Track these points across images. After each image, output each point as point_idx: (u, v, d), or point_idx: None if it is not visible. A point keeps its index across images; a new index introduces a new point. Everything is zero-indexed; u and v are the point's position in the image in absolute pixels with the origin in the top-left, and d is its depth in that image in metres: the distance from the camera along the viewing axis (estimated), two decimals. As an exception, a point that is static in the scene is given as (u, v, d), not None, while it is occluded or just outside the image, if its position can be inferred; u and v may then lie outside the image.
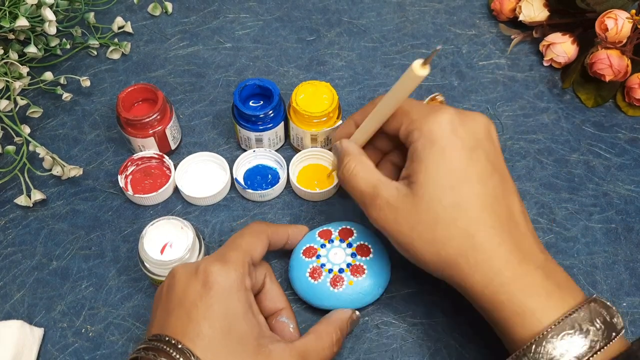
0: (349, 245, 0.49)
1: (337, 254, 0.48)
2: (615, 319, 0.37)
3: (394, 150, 0.48)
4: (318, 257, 0.48)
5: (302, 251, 0.49)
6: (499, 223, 0.39)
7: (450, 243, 0.39)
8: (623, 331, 0.37)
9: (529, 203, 0.56)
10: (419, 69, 0.38)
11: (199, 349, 0.37)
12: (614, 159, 0.59)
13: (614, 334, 0.36)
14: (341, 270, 0.47)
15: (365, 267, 0.47)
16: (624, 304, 0.50)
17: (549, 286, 0.38)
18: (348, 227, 0.50)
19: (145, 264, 0.48)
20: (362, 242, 0.49)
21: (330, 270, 0.47)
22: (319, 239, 0.49)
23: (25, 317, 0.49)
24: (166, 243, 0.49)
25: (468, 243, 0.39)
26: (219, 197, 0.55)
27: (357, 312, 0.46)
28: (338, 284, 0.47)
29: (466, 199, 0.39)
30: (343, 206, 0.55)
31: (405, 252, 0.41)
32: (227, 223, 0.54)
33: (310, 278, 0.47)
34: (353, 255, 0.48)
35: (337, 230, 0.50)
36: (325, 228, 0.50)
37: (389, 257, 0.49)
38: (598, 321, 0.36)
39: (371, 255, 0.48)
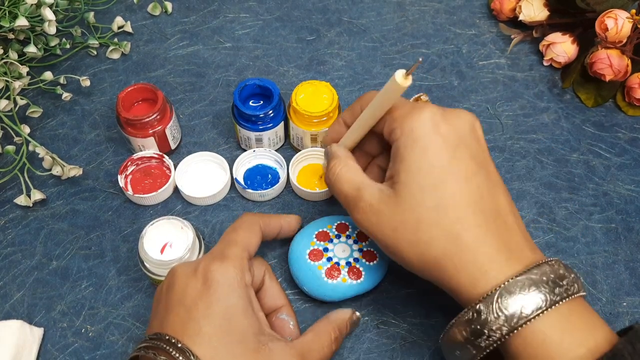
0: (350, 237, 0.50)
1: (344, 251, 0.49)
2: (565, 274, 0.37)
3: (382, 153, 0.47)
4: (329, 260, 0.48)
5: (307, 254, 0.49)
6: (484, 221, 0.38)
7: (435, 244, 0.38)
8: (580, 290, 0.37)
9: (529, 203, 0.56)
10: (402, 80, 0.38)
11: (198, 347, 0.37)
12: (614, 159, 0.59)
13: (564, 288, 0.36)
14: (348, 263, 0.48)
15: (375, 251, 0.49)
16: (624, 303, 0.50)
17: None
18: (343, 222, 0.51)
19: (145, 263, 0.48)
20: (359, 230, 0.50)
21: (348, 264, 0.48)
22: (317, 241, 0.49)
23: (25, 317, 0.49)
24: (166, 243, 0.49)
25: (452, 244, 0.38)
26: (219, 197, 0.55)
27: (358, 313, 0.46)
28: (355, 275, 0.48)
29: (449, 199, 0.38)
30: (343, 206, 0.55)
31: (390, 254, 0.41)
32: (227, 223, 0.54)
33: (325, 277, 0.48)
34: (355, 242, 0.49)
35: (334, 226, 0.50)
36: (320, 229, 0.50)
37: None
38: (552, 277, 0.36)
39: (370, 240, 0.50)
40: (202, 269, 0.40)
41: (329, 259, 0.48)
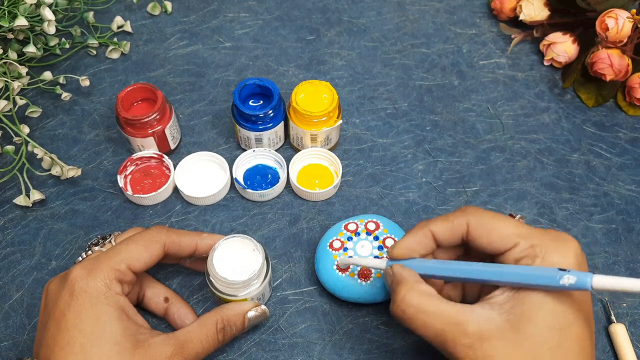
0: (375, 238, 0.49)
1: (363, 247, 0.49)
2: None
3: (447, 250, 0.42)
4: (345, 249, 0.49)
5: (328, 244, 0.50)
6: None
7: None
8: None
9: (530, 203, 0.56)
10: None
11: (71, 356, 0.38)
12: (615, 159, 0.59)
13: None
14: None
15: None
16: (624, 304, 0.50)
17: None
18: (374, 220, 0.51)
19: (211, 278, 0.46)
20: (388, 235, 0.50)
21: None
22: (345, 231, 0.50)
23: (24, 317, 0.49)
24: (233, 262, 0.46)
25: None
26: (219, 197, 0.55)
27: (263, 307, 0.46)
28: (367, 276, 0.48)
29: (572, 341, 0.35)
30: (343, 206, 0.55)
31: None
32: (227, 223, 0.54)
33: (337, 270, 0.48)
34: (380, 248, 0.49)
35: (364, 224, 0.50)
36: (350, 221, 0.51)
37: None
38: None
39: None
40: (70, 280, 0.40)
41: (345, 250, 0.49)
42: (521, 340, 0.34)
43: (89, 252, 0.45)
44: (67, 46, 0.63)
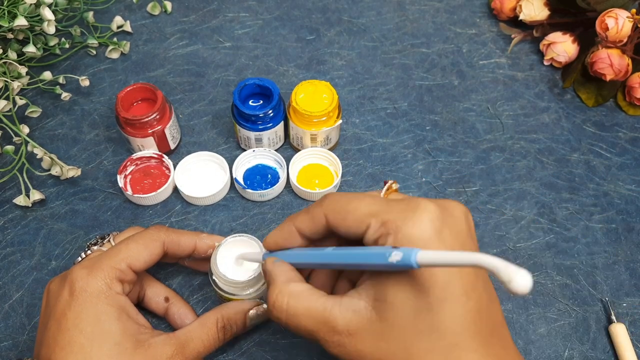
0: None
1: None
2: None
3: (322, 240, 0.39)
4: None
5: None
6: (482, 344, 0.32)
7: None
8: None
9: (530, 203, 0.56)
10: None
11: (71, 356, 0.38)
12: (615, 159, 0.59)
13: None
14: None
15: None
16: (624, 304, 0.50)
17: None
18: None
19: (214, 277, 0.45)
20: None
21: None
22: None
23: (24, 317, 0.49)
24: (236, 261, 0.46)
25: None
26: (219, 197, 0.55)
27: (264, 305, 0.45)
28: None
29: (446, 322, 0.32)
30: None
31: None
32: (227, 223, 0.54)
33: None
34: None
35: None
36: None
37: None
38: None
39: None
40: (70, 280, 0.40)
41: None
42: (388, 329, 0.33)
43: (88, 252, 0.45)
44: (67, 46, 0.63)
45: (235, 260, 0.46)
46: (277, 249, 0.40)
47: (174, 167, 0.56)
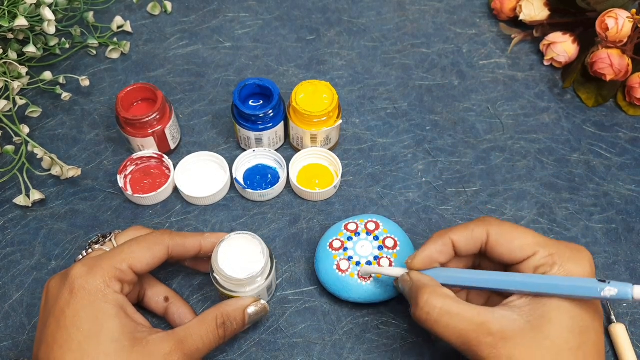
0: (375, 238, 0.50)
1: (363, 247, 0.49)
2: None
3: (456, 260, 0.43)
4: (345, 249, 0.49)
5: (328, 244, 0.50)
6: None
7: None
8: None
9: (530, 203, 0.56)
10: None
11: (69, 353, 0.38)
12: (615, 159, 0.59)
13: None
14: (369, 263, 0.48)
15: (392, 260, 0.49)
16: (624, 304, 0.50)
17: None
18: (374, 220, 0.51)
19: (215, 274, 0.45)
20: (388, 235, 0.50)
21: (357, 263, 0.48)
22: (345, 231, 0.50)
23: (24, 317, 0.49)
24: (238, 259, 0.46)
25: None
26: (219, 197, 0.55)
27: (263, 302, 0.46)
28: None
29: (591, 346, 0.37)
30: (343, 206, 0.55)
31: None
32: (227, 223, 0.54)
33: (337, 270, 0.48)
34: (380, 248, 0.49)
35: (364, 224, 0.51)
36: (350, 221, 0.51)
37: (414, 249, 0.50)
38: None
39: (398, 248, 0.49)
40: (70, 278, 0.41)
41: (345, 249, 0.49)
42: (542, 340, 0.36)
43: (89, 250, 0.45)
44: (67, 46, 0.63)
45: (361, 271, 0.47)
46: (429, 264, 0.42)
47: (174, 167, 0.56)
